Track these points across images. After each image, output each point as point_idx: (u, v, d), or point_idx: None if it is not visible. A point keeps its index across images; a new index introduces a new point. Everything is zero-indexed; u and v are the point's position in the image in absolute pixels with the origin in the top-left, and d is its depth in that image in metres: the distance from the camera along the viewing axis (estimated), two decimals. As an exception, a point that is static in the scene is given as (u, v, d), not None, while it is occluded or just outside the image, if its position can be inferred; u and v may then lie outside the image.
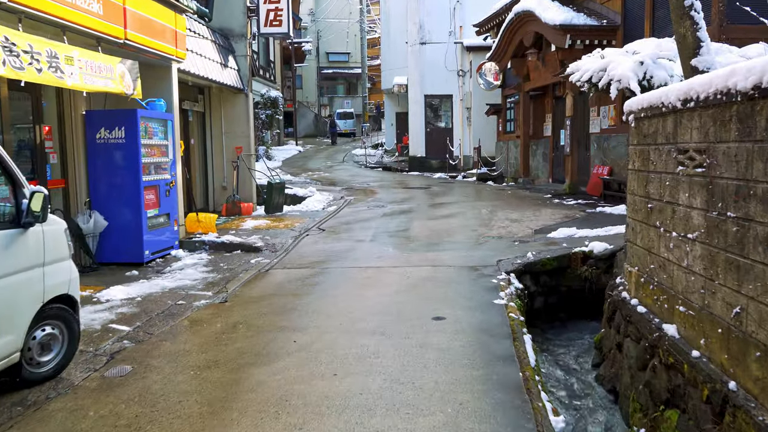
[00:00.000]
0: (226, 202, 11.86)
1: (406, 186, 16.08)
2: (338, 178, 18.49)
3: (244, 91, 12.15)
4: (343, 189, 15.36)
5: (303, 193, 13.51)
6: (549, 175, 15.38)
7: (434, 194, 13.96)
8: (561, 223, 9.39)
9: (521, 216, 10.24)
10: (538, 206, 11.29)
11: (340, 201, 13.18)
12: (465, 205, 11.84)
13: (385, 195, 14.05)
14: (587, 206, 10.97)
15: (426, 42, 21.09)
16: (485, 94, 19.77)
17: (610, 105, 12.13)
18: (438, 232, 9.22)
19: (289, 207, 12.69)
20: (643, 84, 5.39)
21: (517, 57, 15.01)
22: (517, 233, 8.87)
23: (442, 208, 11.61)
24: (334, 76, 49.16)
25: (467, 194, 13.80)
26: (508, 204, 11.76)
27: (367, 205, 12.44)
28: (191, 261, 8.07)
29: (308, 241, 9.04)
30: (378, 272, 7.08)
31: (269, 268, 7.57)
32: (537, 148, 15.99)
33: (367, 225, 10.15)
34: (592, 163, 12.93)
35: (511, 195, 13.27)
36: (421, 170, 21.46)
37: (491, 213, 10.73)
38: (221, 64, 11.20)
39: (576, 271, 7.54)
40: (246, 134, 12.26)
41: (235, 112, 12.22)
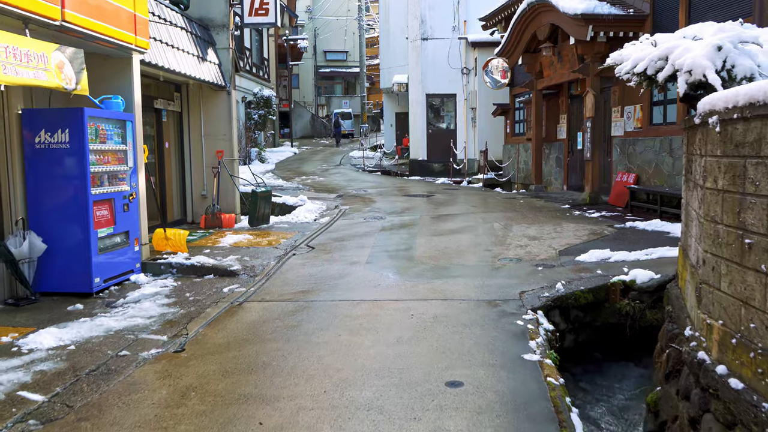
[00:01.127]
0: (205, 214, 10.55)
1: (406, 193, 14.77)
2: (333, 184, 17.17)
3: (226, 88, 10.84)
4: (338, 196, 14.04)
5: (293, 202, 12.20)
6: (563, 182, 14.08)
7: (438, 203, 12.65)
8: (589, 241, 8.08)
9: (540, 232, 8.93)
10: (558, 219, 9.98)
11: (334, 211, 11.87)
12: (474, 218, 10.53)
13: (384, 204, 12.73)
14: (614, 220, 9.66)
15: (428, 38, 19.79)
16: (492, 94, 18.48)
17: (636, 105, 10.83)
18: (446, 252, 7.91)
19: (277, 218, 11.39)
20: (722, 75, 4.07)
21: (529, 52, 13.71)
22: (539, 254, 7.56)
23: (449, 221, 10.30)
24: (332, 76, 47.88)
25: (475, 203, 12.49)
26: (523, 216, 10.45)
27: (364, 216, 11.13)
28: (152, 290, 6.75)
29: (294, 263, 7.72)
30: (375, 308, 5.76)
31: (244, 299, 6.26)
32: (550, 152, 14.69)
33: (363, 242, 8.84)
34: (615, 169, 11.63)
35: (524, 205, 11.96)
36: (423, 174, 20.16)
37: (505, 228, 9.42)
38: (199, 57, 9.89)
39: (615, 306, 6.24)
40: (228, 136, 10.94)
41: (216, 112, 10.91)
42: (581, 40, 10.91)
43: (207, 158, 10.98)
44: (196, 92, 10.86)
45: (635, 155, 10.91)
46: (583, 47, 11.08)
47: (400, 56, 24.71)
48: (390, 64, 26.19)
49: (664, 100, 10.17)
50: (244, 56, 25.25)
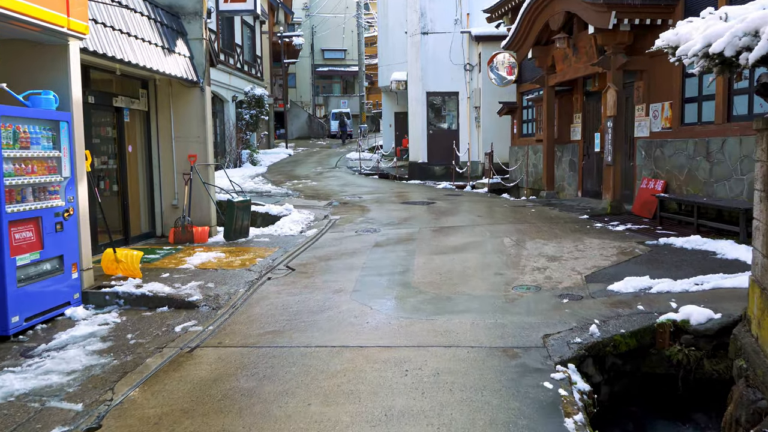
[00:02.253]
0: (174, 227, 9.28)
1: (405, 200, 13.48)
2: (326, 189, 15.88)
3: (199, 84, 9.56)
4: (329, 204, 12.75)
5: (277, 212, 10.92)
6: (578, 188, 12.79)
7: (440, 212, 11.36)
8: (619, 263, 6.80)
9: (559, 249, 7.64)
10: (577, 233, 8.68)
11: (322, 222, 10.59)
12: (481, 231, 9.24)
13: (380, 213, 11.44)
14: (643, 234, 8.37)
15: (428, 32, 18.50)
16: (497, 91, 17.20)
17: (664, 102, 9.54)
18: (449, 277, 6.63)
19: (259, 230, 10.12)
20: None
21: (540, 44, 12.44)
22: (561, 281, 6.27)
23: (452, 235, 9.01)
24: (330, 75, 46.62)
25: (481, 213, 11.20)
26: (537, 229, 9.15)
27: (356, 229, 9.85)
28: (87, 329, 5.48)
29: (267, 291, 6.45)
30: (359, 359, 4.49)
31: (197, 344, 4.99)
32: (563, 155, 13.40)
33: (352, 261, 7.56)
34: (639, 175, 10.35)
35: (536, 215, 10.66)
36: (423, 178, 18.88)
37: (517, 244, 8.13)
38: (165, 48, 8.62)
39: (663, 352, 4.96)
40: (202, 139, 9.67)
41: (187, 111, 9.63)
42: (602, 29, 9.63)
43: (178, 163, 9.71)
44: (165, 89, 9.59)
45: (663, 159, 9.62)
46: (603, 37, 9.79)
47: (400, 53, 23.45)
48: (389, 61, 24.91)
49: (699, 96, 8.88)
50: (235, 53, 24.02)
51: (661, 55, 9.76)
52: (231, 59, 23.56)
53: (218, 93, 22.42)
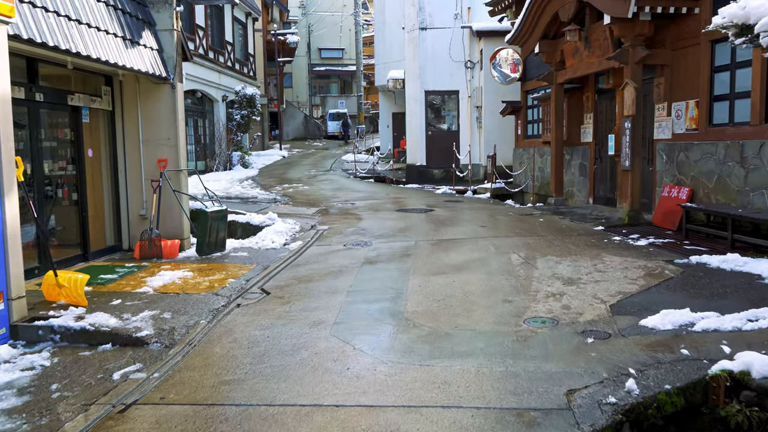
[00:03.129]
0: (140, 240, 8.28)
1: (401, 207, 12.47)
2: (318, 194, 14.88)
3: (170, 80, 8.56)
4: (318, 212, 11.74)
5: (259, 221, 9.91)
6: (589, 194, 11.78)
7: (439, 222, 10.35)
8: (649, 288, 5.79)
9: (576, 269, 6.63)
10: (594, 248, 7.67)
11: (309, 233, 9.58)
12: (485, 244, 8.23)
13: (373, 222, 10.44)
14: (670, 251, 7.36)
15: (426, 27, 17.51)
16: (500, 90, 16.21)
17: (689, 100, 8.54)
18: (448, 305, 5.62)
19: (238, 242, 9.12)
20: None
21: (548, 38, 11.45)
22: (582, 311, 5.27)
23: (452, 250, 8.00)
24: (327, 74, 45.64)
25: (484, 222, 10.19)
26: (548, 243, 8.14)
27: (345, 242, 8.84)
28: (5, 377, 4.47)
29: (234, 322, 5.44)
30: (333, 428, 3.49)
31: (135, 399, 4.00)
32: (572, 158, 12.39)
33: (336, 284, 6.55)
34: (659, 181, 9.34)
35: (545, 225, 9.65)
36: (421, 182, 17.88)
37: (527, 262, 7.12)
38: (127, 40, 7.62)
39: (717, 412, 3.96)
40: (173, 141, 8.67)
41: (157, 111, 8.64)
42: (619, 19, 8.63)
43: (147, 169, 8.71)
44: (131, 86, 8.59)
45: (688, 164, 8.62)
46: (621, 27, 8.79)
47: (397, 50, 22.48)
48: (386, 59, 23.92)
49: (731, 93, 7.88)
50: (225, 51, 23.03)
51: (685, 48, 8.79)
52: (221, 57, 22.58)
53: (207, 92, 21.43)
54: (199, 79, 20.39)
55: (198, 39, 20.28)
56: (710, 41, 8.09)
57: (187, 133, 20.29)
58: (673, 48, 8.93)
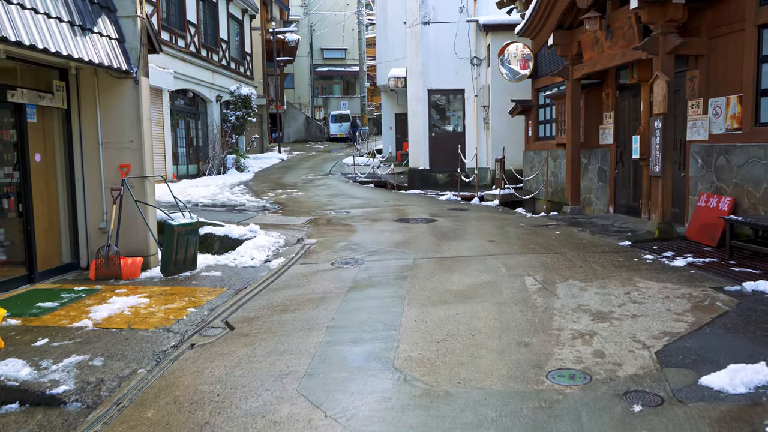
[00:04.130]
0: (96, 258, 7.20)
1: (400, 216, 11.33)
2: (311, 201, 13.77)
3: (133, 74, 7.48)
4: (308, 222, 10.62)
5: (239, 234, 8.81)
6: (609, 202, 10.62)
7: (441, 235, 9.21)
8: (701, 327, 4.64)
9: (605, 299, 5.48)
10: (624, 270, 6.51)
11: (294, 248, 8.47)
12: (494, 264, 7.09)
13: (367, 235, 9.31)
14: (715, 273, 6.20)
15: (430, 21, 16.39)
16: (509, 88, 15.07)
17: (730, 95, 7.37)
18: (450, 349, 4.49)
19: (213, 258, 8.04)
20: None
21: (563, 28, 10.32)
22: (620, 360, 4.13)
23: (456, 270, 6.86)
24: (330, 75, 44.61)
25: (493, 236, 9.04)
26: (568, 263, 6.99)
27: (334, 259, 7.72)
28: None
29: (180, 371, 4.33)
30: None
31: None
32: (589, 162, 11.23)
33: (315, 315, 5.43)
34: (693, 189, 8.18)
35: (562, 239, 8.50)
36: (424, 187, 16.75)
37: (545, 288, 5.98)
38: (78, 26, 6.55)
39: None
40: (137, 145, 7.58)
41: (118, 110, 7.56)
42: (648, 2, 7.48)
43: (107, 176, 7.63)
44: (89, 81, 7.51)
45: (730, 170, 7.46)
46: (650, 12, 7.64)
47: (399, 48, 21.40)
48: (388, 57, 22.83)
49: (784, 86, 6.72)
50: (219, 49, 22.01)
51: (725, 35, 7.61)
52: (215, 55, 21.55)
53: (200, 92, 20.41)
54: (191, 78, 19.36)
55: (189, 36, 19.26)
56: (757, 26, 6.94)
57: (178, 135, 19.27)
58: (710, 36, 7.78)
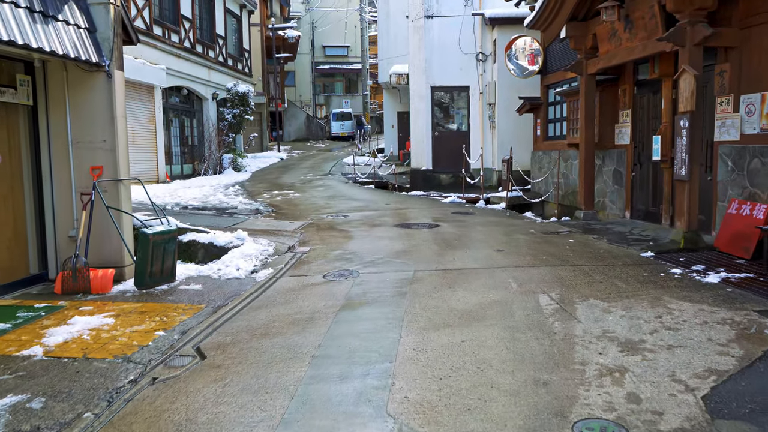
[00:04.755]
0: (62, 270, 6.52)
1: (401, 220, 10.63)
2: (308, 204, 13.08)
3: (105, 67, 6.79)
4: (302, 227, 9.92)
5: (225, 242, 8.12)
6: (625, 207, 9.89)
7: (445, 242, 8.50)
8: (753, 363, 3.93)
9: (634, 325, 4.76)
10: (651, 287, 5.79)
11: (284, 257, 7.77)
12: (503, 278, 6.38)
13: (364, 243, 8.61)
14: (756, 291, 5.47)
15: (433, 15, 15.68)
16: (516, 85, 14.36)
17: (765, 92, 6.63)
18: (455, 390, 3.78)
19: (195, 268, 7.36)
20: None
21: (577, 20, 9.59)
22: (662, 409, 3.41)
23: (461, 286, 6.15)
24: (332, 72, 43.91)
25: (501, 243, 8.33)
26: (586, 277, 6.27)
27: (326, 270, 7.02)
28: None
29: (131, 416, 3.64)
30: None
31: None
32: (604, 164, 10.50)
33: (300, 342, 4.73)
34: (721, 194, 7.44)
35: (577, 248, 7.78)
36: (427, 188, 16.04)
37: (563, 309, 5.26)
38: (39, 13, 5.86)
39: None
40: (110, 144, 6.90)
41: (90, 107, 6.88)
42: (676, -13, 6.75)
43: (78, 179, 6.95)
44: (58, 75, 6.83)
45: (766, 174, 6.72)
46: (675, 0, 6.90)
47: (402, 44, 20.69)
48: (390, 54, 22.12)
49: (830, 80, 5.98)
50: (216, 45, 21.34)
51: (759, 25, 6.89)
52: (211, 52, 20.88)
53: (195, 90, 19.74)
54: (185, 75, 18.68)
55: (184, 31, 18.57)
56: (798, 14, 6.21)
57: (172, 134, 18.60)
58: (743, 26, 7.05)
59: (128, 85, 15.45)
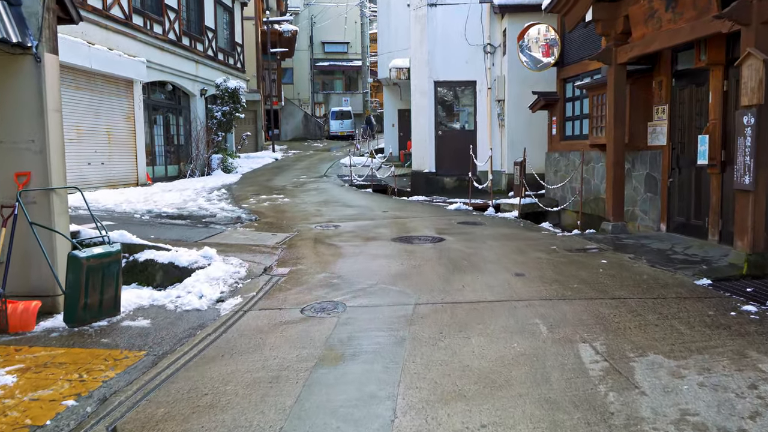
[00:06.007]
0: (-29, 304, 5.19)
1: (401, 233, 9.28)
2: (297, 210, 11.75)
3: (32, 49, 5.46)
4: (284, 241, 8.57)
5: (189, 261, 6.79)
6: (660, 218, 8.55)
7: (453, 264, 7.15)
8: None
9: (723, 401, 3.42)
10: (725, 335, 4.43)
11: (258, 281, 6.43)
12: (528, 317, 5.03)
13: (356, 263, 7.25)
14: None
15: (437, 2, 14.34)
16: (528, 79, 13.03)
17: None
18: None
19: (149, 295, 6.05)
20: None
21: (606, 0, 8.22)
22: None
23: (476, 329, 4.81)
24: (331, 70, 42.57)
25: (519, 265, 6.98)
26: (634, 316, 4.92)
27: (305, 302, 5.68)
28: None
29: None
30: None
31: None
32: (634, 168, 9.16)
33: (255, 425, 3.39)
34: (792, 206, 6.08)
35: (612, 272, 6.42)
36: (430, 192, 14.71)
37: (615, 370, 3.91)
38: (-68, -26, 4.53)
39: None
40: (40, 146, 5.57)
41: (12, 97, 5.56)
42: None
43: (3, 187, 5.63)
44: (-27, 58, 5.50)
45: None
46: (741, -34, 5.57)
47: (403, 37, 19.35)
48: (390, 48, 20.78)
49: None
50: (205, 38, 20.02)
51: None
52: (199, 45, 19.56)
53: (181, 85, 18.42)
54: (169, 69, 17.37)
55: (168, 21, 17.25)
56: None
57: (156, 133, 17.28)
58: (822, -1, 5.70)
59: (103, 80, 14.16)
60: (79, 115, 13.27)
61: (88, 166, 13.54)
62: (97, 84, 13.79)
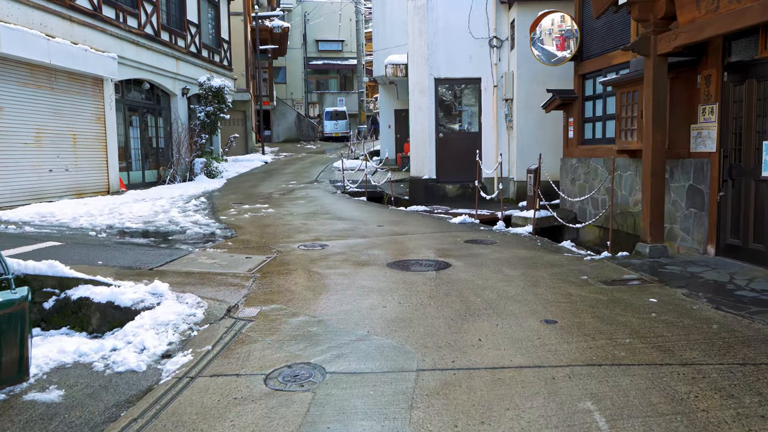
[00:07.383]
0: None
1: (399, 256, 7.91)
2: (279, 225, 10.38)
3: None
4: (260, 268, 7.18)
5: (132, 301, 5.42)
6: (708, 240, 7.21)
7: (464, 305, 5.79)
8: None
9: None
10: None
11: (217, 329, 5.06)
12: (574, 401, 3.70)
13: (342, 304, 5.85)
14: None
15: (438, -9, 12.98)
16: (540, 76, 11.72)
17: None
18: None
19: (76, 347, 4.71)
20: None
21: (644, -22, 6.88)
22: None
23: (506, 423, 3.45)
24: (326, 68, 41.21)
25: (548, 306, 5.62)
26: (723, 397, 3.59)
27: (272, 365, 4.31)
28: None
29: None
30: None
31: None
32: (672, 179, 7.82)
33: None
34: None
35: (669, 319, 5.05)
36: (430, 201, 13.37)
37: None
38: None
39: None
40: None
41: None
42: None
43: None
44: None
45: None
46: None
47: (400, 32, 18.01)
48: (386, 44, 19.43)
49: None
50: (187, 33, 18.64)
51: None
52: (180, 40, 18.18)
53: (160, 84, 17.04)
54: (146, 66, 15.99)
55: (145, 15, 15.87)
56: None
57: (132, 135, 15.90)
58: None
59: (67, 77, 12.75)
60: (39, 116, 11.90)
61: (49, 173, 12.17)
62: (58, 82, 12.40)
